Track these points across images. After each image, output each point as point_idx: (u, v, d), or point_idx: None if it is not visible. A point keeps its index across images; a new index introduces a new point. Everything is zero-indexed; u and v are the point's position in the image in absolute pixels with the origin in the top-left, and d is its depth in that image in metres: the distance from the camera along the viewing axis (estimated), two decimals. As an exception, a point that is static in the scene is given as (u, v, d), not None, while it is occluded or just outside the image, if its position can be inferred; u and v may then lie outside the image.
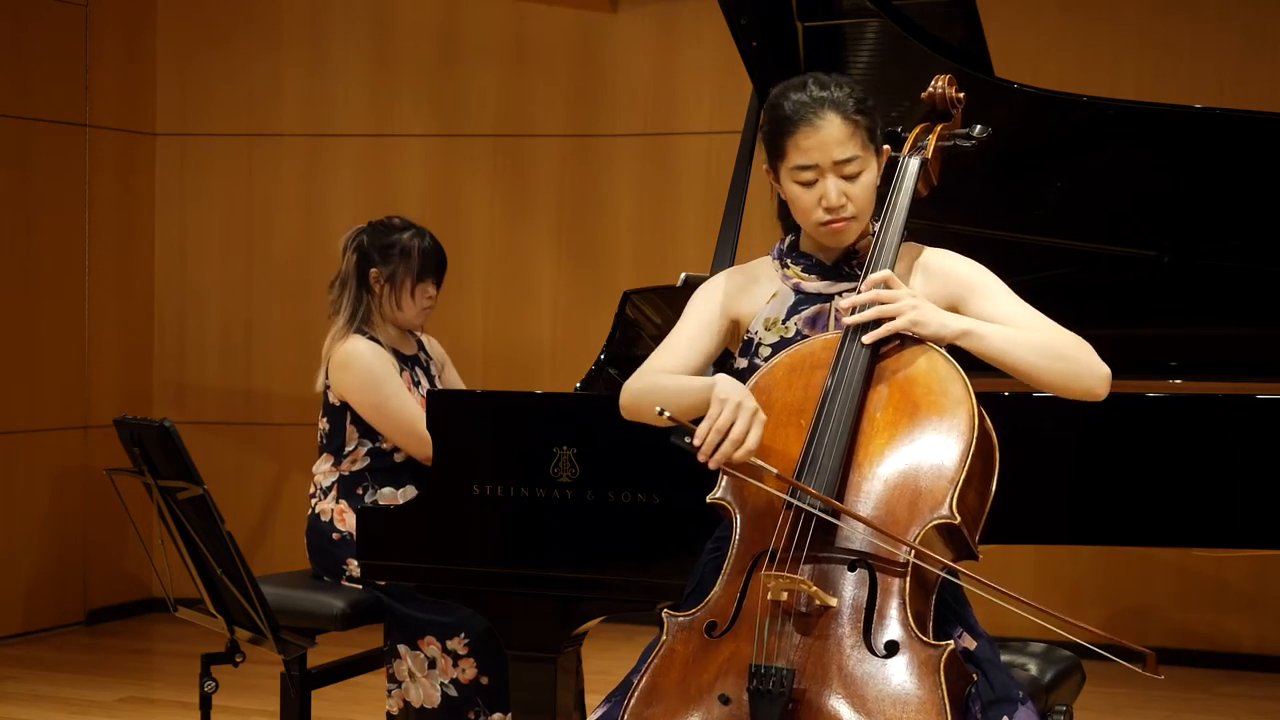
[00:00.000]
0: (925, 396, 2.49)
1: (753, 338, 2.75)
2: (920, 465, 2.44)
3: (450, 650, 3.82)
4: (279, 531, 7.10)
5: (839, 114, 2.62)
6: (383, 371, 3.98)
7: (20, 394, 6.63)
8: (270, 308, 7.25)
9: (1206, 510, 3.25)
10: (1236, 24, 6.27)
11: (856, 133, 2.63)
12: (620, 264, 6.96)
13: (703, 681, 2.39)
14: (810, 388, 2.54)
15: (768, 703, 2.30)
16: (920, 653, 2.31)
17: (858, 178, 2.64)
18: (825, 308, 2.72)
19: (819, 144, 2.62)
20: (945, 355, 2.53)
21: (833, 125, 2.62)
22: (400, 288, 4.06)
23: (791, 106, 2.65)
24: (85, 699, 5.62)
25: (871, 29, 3.57)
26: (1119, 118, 3.59)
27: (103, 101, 6.96)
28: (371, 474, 4.02)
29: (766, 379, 2.60)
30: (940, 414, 2.46)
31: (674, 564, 3.09)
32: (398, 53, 7.18)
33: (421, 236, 4.12)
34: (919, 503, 2.41)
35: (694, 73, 6.89)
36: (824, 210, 2.64)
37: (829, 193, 2.63)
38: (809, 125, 2.62)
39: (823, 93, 2.64)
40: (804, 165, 2.64)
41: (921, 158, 2.72)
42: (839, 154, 2.62)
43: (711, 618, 2.45)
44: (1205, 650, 6.31)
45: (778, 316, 2.74)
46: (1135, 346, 3.91)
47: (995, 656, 2.52)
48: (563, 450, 3.25)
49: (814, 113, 2.63)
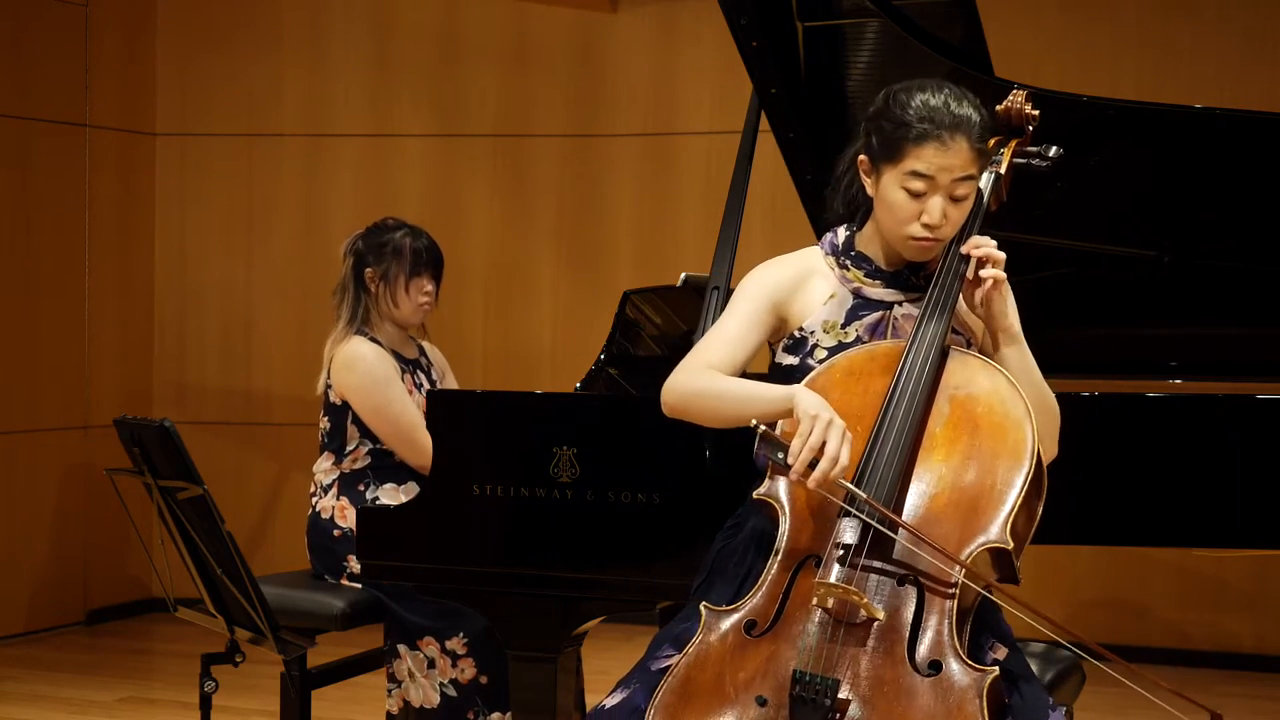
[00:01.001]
0: (987, 416, 2.47)
1: (807, 337, 2.69)
2: (978, 486, 2.42)
3: (449, 650, 3.82)
4: (279, 531, 7.10)
5: (969, 139, 2.57)
6: (385, 375, 3.99)
7: (20, 394, 6.63)
8: (270, 308, 7.25)
9: (1206, 510, 3.25)
10: (1236, 24, 6.27)
11: (977, 160, 2.59)
12: (620, 264, 6.96)
13: (739, 680, 2.37)
14: (869, 394, 2.52)
15: (810, 710, 2.29)
16: (965, 675, 2.30)
17: (963, 202, 2.60)
18: (887, 315, 2.68)
19: (945, 165, 2.56)
20: (1008, 376, 2.52)
21: (963, 149, 2.56)
22: (395, 284, 4.08)
23: (925, 114, 2.57)
24: (85, 699, 5.62)
25: (871, 29, 3.56)
26: (1119, 118, 3.59)
27: (103, 101, 6.96)
28: (373, 471, 4.03)
29: (824, 380, 2.57)
30: (1001, 435, 2.44)
31: (674, 564, 3.09)
32: (398, 53, 7.18)
33: (415, 235, 4.14)
34: (974, 523, 2.39)
35: (694, 73, 6.89)
36: (922, 225, 2.59)
37: (933, 210, 2.58)
38: (939, 142, 2.56)
39: (961, 111, 2.57)
40: (920, 174, 2.57)
41: (995, 173, 2.70)
42: (960, 174, 2.58)
43: (752, 616, 2.43)
44: (1205, 650, 6.32)
45: (837, 320, 2.69)
46: (1135, 346, 3.92)
47: (1025, 665, 2.51)
48: (563, 450, 3.25)
49: (948, 132, 2.56)
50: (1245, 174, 3.55)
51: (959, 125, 2.56)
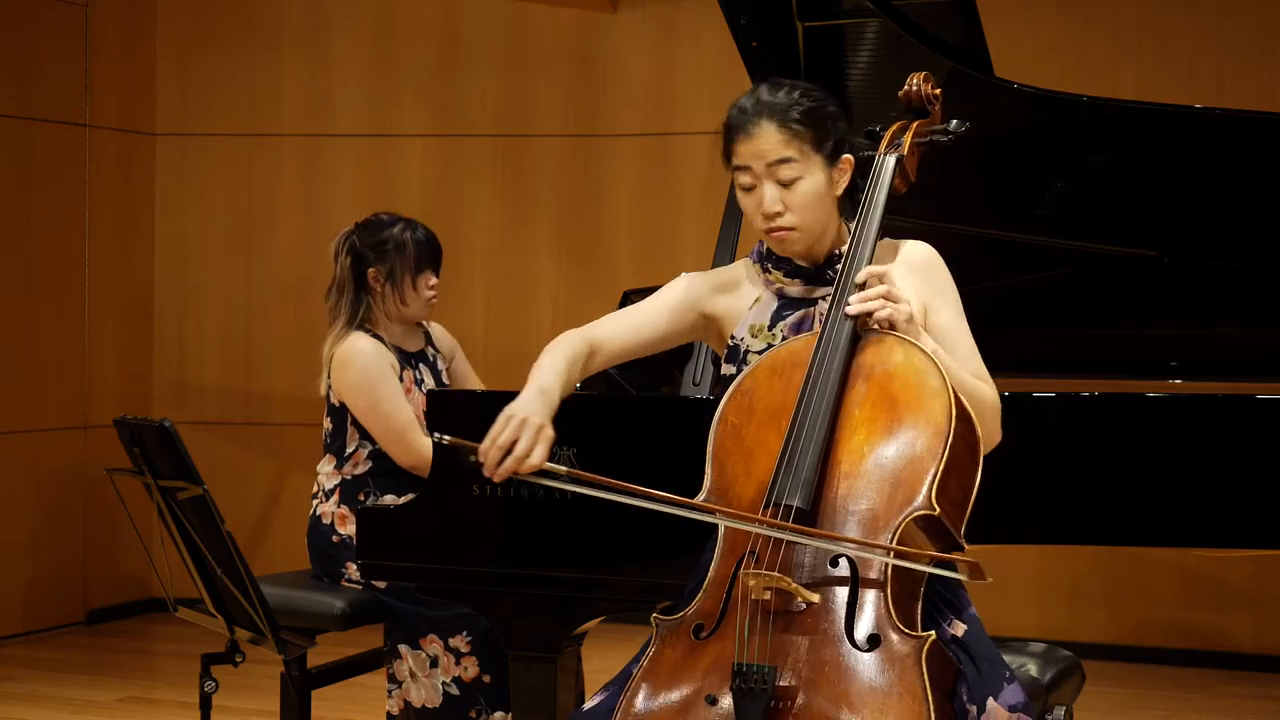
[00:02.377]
0: (903, 391, 2.48)
1: (739, 344, 2.76)
2: (898, 459, 2.43)
3: (453, 648, 3.82)
4: (279, 531, 7.10)
5: (776, 121, 2.64)
6: (380, 373, 3.95)
7: (20, 394, 6.63)
8: (270, 307, 7.25)
9: (1206, 510, 3.25)
10: (1236, 24, 6.27)
11: (793, 140, 2.64)
12: (620, 264, 6.96)
13: (691, 684, 2.39)
14: (790, 389, 2.53)
15: (751, 700, 2.31)
16: (901, 645, 2.31)
17: (794, 184, 2.65)
18: (810, 312, 2.74)
19: (754, 151, 2.65)
20: (922, 349, 2.51)
21: (767, 133, 2.65)
22: (401, 283, 4.04)
23: (735, 112, 2.69)
24: (85, 699, 5.62)
25: (871, 29, 3.57)
26: (1119, 118, 3.60)
27: (103, 101, 6.96)
28: (374, 479, 4.00)
29: (749, 381, 2.60)
30: (918, 407, 2.46)
31: (674, 564, 3.09)
32: (398, 53, 7.18)
33: (413, 228, 4.08)
34: (897, 496, 2.40)
35: (694, 73, 6.89)
36: (762, 216, 2.67)
37: (764, 199, 2.66)
38: (744, 132, 2.66)
39: (768, 97, 2.67)
40: (739, 168, 2.68)
41: (898, 155, 2.71)
42: (772, 157, 2.64)
43: (698, 620, 2.45)
44: (1205, 650, 6.31)
45: (763, 323, 2.76)
46: (1135, 346, 3.92)
47: (983, 638, 2.51)
48: (563, 450, 3.24)
49: (751, 120, 2.66)
50: (1245, 174, 3.56)
51: (761, 111, 2.66)
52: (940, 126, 2.81)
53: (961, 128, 2.79)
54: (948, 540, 2.46)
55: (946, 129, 2.81)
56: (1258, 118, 3.53)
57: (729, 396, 2.61)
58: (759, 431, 2.52)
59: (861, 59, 3.66)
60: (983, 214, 3.68)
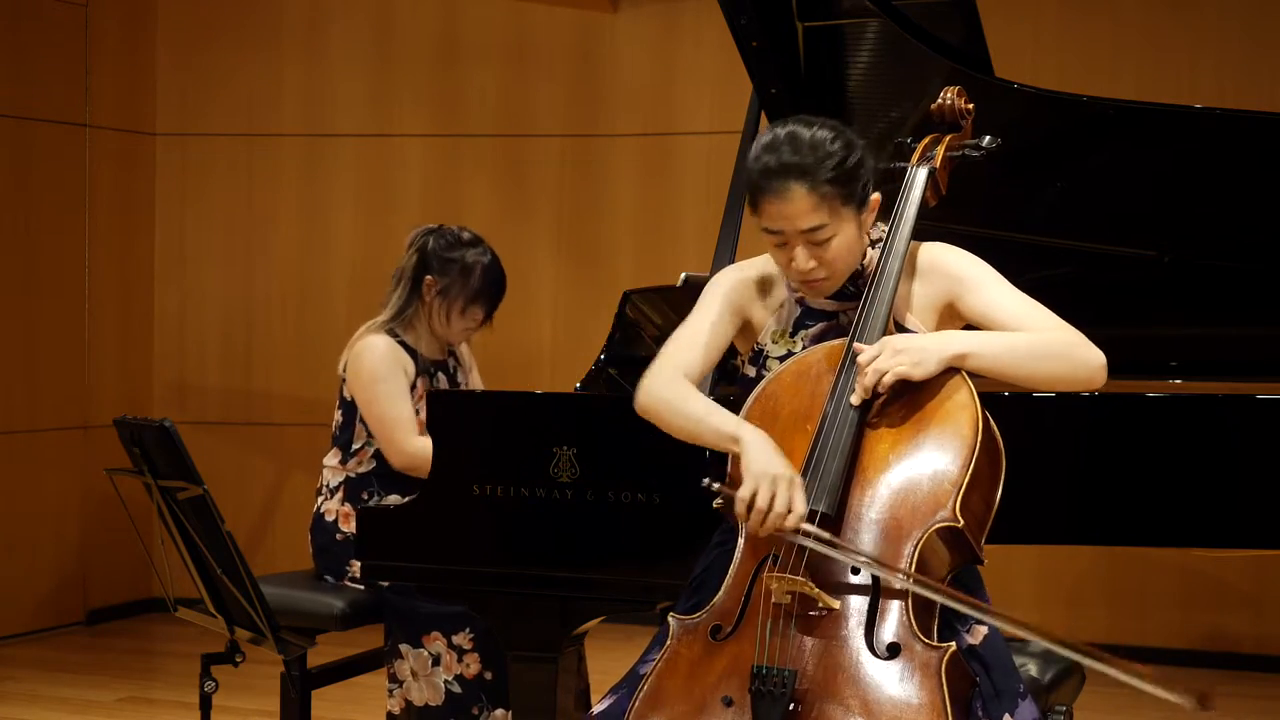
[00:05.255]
0: (929, 402, 2.49)
1: (761, 348, 2.74)
2: (923, 470, 2.44)
3: (456, 645, 3.81)
4: (279, 531, 7.10)
5: (805, 184, 2.54)
6: (385, 371, 3.95)
7: (20, 394, 6.63)
8: (271, 307, 7.25)
9: (1206, 510, 3.25)
10: (1236, 24, 6.27)
11: (824, 203, 2.55)
12: (620, 264, 6.96)
13: (707, 685, 2.40)
14: (817, 395, 2.54)
15: (769, 704, 2.31)
16: (921, 655, 2.32)
17: (828, 243, 2.59)
18: (832, 325, 2.71)
19: (783, 215, 2.56)
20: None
21: (797, 197, 2.55)
22: (452, 305, 4.01)
23: (760, 170, 2.58)
24: (85, 699, 5.62)
25: (871, 29, 3.56)
26: (1119, 118, 3.59)
27: (103, 101, 6.96)
28: (378, 478, 4.00)
29: (774, 385, 2.61)
30: (944, 419, 2.47)
31: (674, 564, 3.09)
32: (398, 53, 7.18)
33: (487, 258, 4.04)
34: (922, 507, 2.41)
35: (694, 73, 6.89)
36: (795, 272, 2.62)
37: (797, 259, 2.59)
38: (774, 194, 2.56)
39: (793, 158, 2.55)
40: (771, 230, 2.60)
41: (929, 168, 2.71)
42: (804, 224, 2.56)
43: (716, 621, 2.46)
44: (1205, 650, 6.31)
45: (784, 329, 2.73)
46: (1135, 346, 3.91)
47: (1001, 649, 2.52)
48: (563, 450, 3.25)
49: (780, 182, 2.55)
50: (1245, 174, 3.55)
51: (790, 173, 2.55)
52: (972, 141, 2.81)
53: (994, 144, 2.79)
54: (968, 552, 2.47)
55: (979, 144, 2.80)
56: (1258, 118, 3.52)
57: (752, 402, 2.61)
58: (784, 436, 2.52)
59: (861, 59, 3.66)
60: (982, 214, 3.68)
